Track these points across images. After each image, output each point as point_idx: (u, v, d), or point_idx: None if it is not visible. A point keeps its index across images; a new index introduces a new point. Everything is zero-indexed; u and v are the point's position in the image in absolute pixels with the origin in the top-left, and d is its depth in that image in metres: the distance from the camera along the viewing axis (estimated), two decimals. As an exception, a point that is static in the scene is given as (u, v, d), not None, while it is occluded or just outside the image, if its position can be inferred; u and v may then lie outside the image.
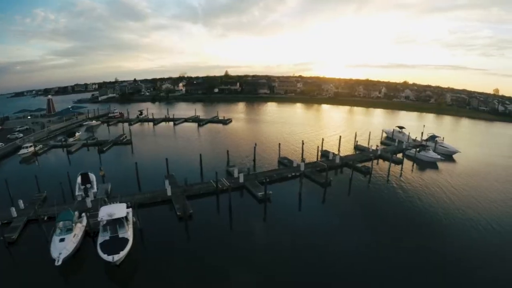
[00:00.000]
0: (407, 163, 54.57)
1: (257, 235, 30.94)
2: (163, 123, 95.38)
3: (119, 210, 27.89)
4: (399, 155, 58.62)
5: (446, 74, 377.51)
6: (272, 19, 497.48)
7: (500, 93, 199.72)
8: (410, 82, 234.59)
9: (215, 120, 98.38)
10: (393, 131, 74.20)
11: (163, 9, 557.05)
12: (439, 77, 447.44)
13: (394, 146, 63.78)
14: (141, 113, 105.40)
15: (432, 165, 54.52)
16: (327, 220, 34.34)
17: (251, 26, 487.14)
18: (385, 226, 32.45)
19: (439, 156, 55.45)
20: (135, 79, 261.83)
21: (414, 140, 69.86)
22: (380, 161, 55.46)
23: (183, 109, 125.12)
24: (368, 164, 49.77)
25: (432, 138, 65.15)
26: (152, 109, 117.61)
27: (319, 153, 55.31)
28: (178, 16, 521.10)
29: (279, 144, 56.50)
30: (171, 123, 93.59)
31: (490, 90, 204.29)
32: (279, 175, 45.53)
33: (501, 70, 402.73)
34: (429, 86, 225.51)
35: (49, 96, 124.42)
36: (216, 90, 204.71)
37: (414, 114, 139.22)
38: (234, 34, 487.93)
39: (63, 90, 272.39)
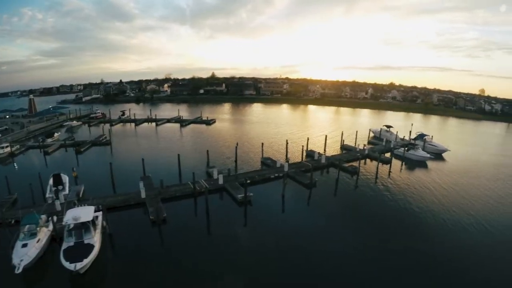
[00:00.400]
0: (396, 163, 52.31)
1: (237, 238, 28.00)
2: (145, 124, 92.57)
3: (85, 213, 25.38)
4: (387, 155, 56.50)
5: (433, 75, 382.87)
6: (260, 21, 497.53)
7: (486, 94, 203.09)
8: (397, 83, 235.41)
9: (198, 121, 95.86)
10: (380, 130, 71.92)
11: (151, 10, 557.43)
12: (425, 78, 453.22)
13: (382, 145, 61.45)
14: (123, 114, 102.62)
15: (422, 164, 52.34)
16: (312, 221, 31.61)
17: (239, 28, 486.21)
18: (373, 228, 30.09)
19: (428, 155, 53.22)
20: (120, 80, 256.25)
21: (402, 139, 67.81)
22: (368, 160, 53.01)
23: (167, 110, 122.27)
24: (355, 164, 47.19)
25: (421, 136, 63.01)
26: (135, 110, 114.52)
27: (304, 153, 52.97)
28: (166, 17, 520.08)
29: (262, 143, 53.41)
30: (153, 124, 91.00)
31: (476, 91, 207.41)
32: (262, 176, 42.60)
33: (486, 71, 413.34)
34: (415, 87, 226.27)
35: (31, 96, 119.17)
36: (201, 91, 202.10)
37: (401, 114, 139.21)
38: (222, 36, 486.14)
39: (48, 91, 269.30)
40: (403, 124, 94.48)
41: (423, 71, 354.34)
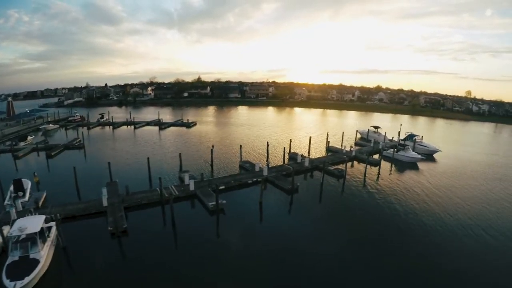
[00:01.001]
0: (385, 165, 48.52)
1: (206, 251, 23.80)
2: (123, 127, 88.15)
3: (33, 224, 22.09)
4: (376, 156, 52.65)
5: (419, 78, 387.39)
6: (247, 26, 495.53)
7: (472, 95, 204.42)
8: (384, 87, 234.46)
9: (178, 124, 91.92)
10: (368, 131, 68.21)
11: (138, 14, 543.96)
12: (411, 81, 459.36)
13: (370, 146, 57.68)
14: (102, 117, 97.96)
15: (412, 165, 48.71)
16: (292, 230, 27.56)
17: (226, 32, 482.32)
18: (360, 236, 26.46)
19: (419, 156, 49.56)
20: (106, 84, 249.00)
21: (391, 140, 64.38)
22: (355, 163, 49.09)
23: (149, 113, 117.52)
24: (342, 166, 43.23)
25: (411, 137, 59.44)
26: (117, 113, 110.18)
27: (287, 156, 49.10)
28: (153, 21, 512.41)
29: (240, 146, 49.12)
30: (132, 127, 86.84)
31: (462, 93, 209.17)
32: (238, 181, 37.94)
33: (472, 74, 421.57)
34: (402, 90, 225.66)
35: (9, 99, 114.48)
36: (185, 94, 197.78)
37: (388, 116, 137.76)
38: (209, 40, 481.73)
39: (32, 95, 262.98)
40: (391, 125, 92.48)
41: (410, 74, 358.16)
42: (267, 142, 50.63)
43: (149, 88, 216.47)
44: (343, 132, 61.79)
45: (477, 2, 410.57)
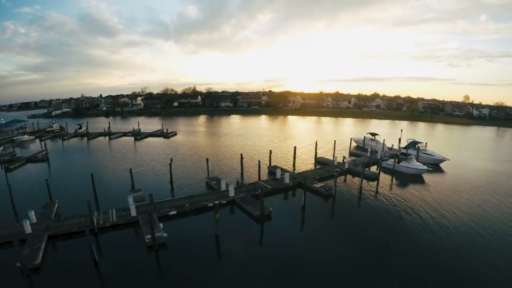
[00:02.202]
0: (384, 178, 40.21)
1: None
2: (100, 138, 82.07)
3: None
4: (374, 168, 44.47)
5: (415, 85, 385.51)
6: (244, 36, 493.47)
7: (470, 100, 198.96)
8: (381, 94, 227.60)
9: (156, 134, 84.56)
10: (364, 139, 59.93)
11: (135, 25, 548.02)
12: (408, 89, 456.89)
13: (366, 157, 49.18)
14: (80, 127, 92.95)
15: (417, 178, 40.47)
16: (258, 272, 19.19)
17: (223, 43, 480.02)
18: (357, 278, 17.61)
19: (425, 167, 41.22)
20: (100, 95, 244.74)
21: (391, 149, 56.18)
22: (349, 177, 40.67)
23: (133, 123, 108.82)
24: (331, 182, 34.67)
25: (413, 144, 51.15)
26: (100, 124, 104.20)
27: (266, 170, 41.21)
28: (150, 33, 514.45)
29: (207, 159, 40.80)
30: (107, 138, 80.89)
31: (459, 99, 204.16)
32: (195, 204, 29.60)
33: (468, 79, 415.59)
34: (399, 97, 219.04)
35: None
36: (175, 103, 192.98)
37: (386, 122, 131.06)
38: (206, 51, 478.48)
39: (26, 105, 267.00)
40: (390, 132, 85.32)
41: (406, 82, 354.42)
42: (241, 155, 41.97)
43: (139, 98, 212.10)
44: (335, 141, 53.48)
45: (472, 7, 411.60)
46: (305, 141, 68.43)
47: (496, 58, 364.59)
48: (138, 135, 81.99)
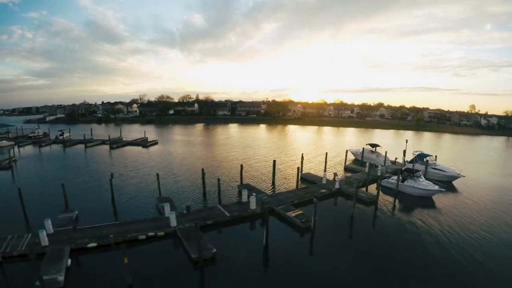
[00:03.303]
0: (385, 201, 31.78)
1: None
2: (77, 145, 76.61)
3: None
4: (372, 187, 35.86)
5: (420, 96, 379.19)
6: (249, 45, 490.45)
7: (476, 110, 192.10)
8: (385, 104, 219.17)
9: (135, 143, 77.72)
10: (362, 151, 51.21)
11: (140, 33, 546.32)
12: (413, 99, 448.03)
13: (363, 173, 40.51)
14: (62, 134, 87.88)
15: (426, 201, 31.94)
16: None
17: (228, 52, 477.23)
18: None
19: (436, 187, 32.61)
20: (103, 102, 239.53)
21: (395, 162, 47.65)
22: (340, 199, 32.19)
23: (124, 131, 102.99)
24: (320, 203, 25.84)
25: (421, 157, 42.63)
26: (88, 131, 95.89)
27: (235, 191, 33.19)
28: (156, 41, 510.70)
29: (157, 175, 32.54)
30: (83, 146, 74.92)
31: (463, 109, 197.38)
32: (121, 236, 21.45)
33: (473, 89, 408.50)
34: (403, 107, 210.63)
35: None
36: (171, 111, 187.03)
37: (390, 132, 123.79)
38: (211, 59, 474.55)
39: (27, 110, 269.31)
40: (394, 143, 76.86)
41: (410, 92, 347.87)
42: (202, 170, 33.33)
43: (134, 105, 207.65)
44: (326, 154, 45.11)
45: (477, 17, 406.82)
46: (295, 153, 59.99)
47: (502, 67, 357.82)
48: (115, 144, 75.20)
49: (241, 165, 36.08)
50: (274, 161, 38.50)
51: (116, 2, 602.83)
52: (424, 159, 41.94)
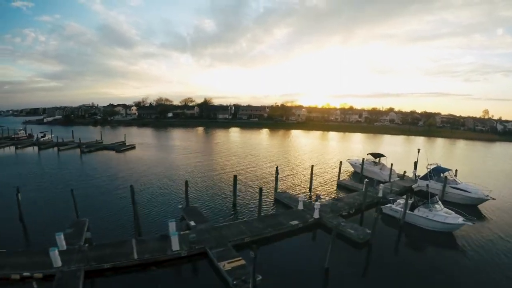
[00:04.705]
0: (386, 238, 22.23)
1: None
2: (50, 149, 70.43)
3: None
4: (369, 215, 26.16)
5: (431, 101, 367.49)
6: (259, 51, 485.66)
7: (489, 115, 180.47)
8: (396, 109, 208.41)
9: (109, 147, 70.39)
10: (362, 163, 41.03)
11: (152, 37, 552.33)
12: (424, 104, 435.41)
13: (359, 192, 30.44)
14: (44, 135, 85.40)
15: (445, 238, 21.95)
16: None
17: (239, 57, 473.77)
18: None
19: (461, 219, 22.77)
20: (110, 104, 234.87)
21: (403, 177, 37.91)
22: (319, 236, 22.67)
23: (112, 135, 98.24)
24: (285, 242, 17.73)
25: (437, 172, 32.77)
26: (81, 133, 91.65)
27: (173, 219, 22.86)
28: (167, 45, 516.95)
29: (72, 191, 23.44)
30: (56, 149, 69.66)
31: (475, 115, 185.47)
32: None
33: (485, 95, 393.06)
34: (415, 112, 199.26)
35: None
36: (170, 114, 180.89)
37: (400, 138, 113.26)
38: (222, 64, 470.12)
39: (34, 111, 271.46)
40: (403, 151, 66.76)
41: (421, 97, 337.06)
42: (132, 187, 24.89)
43: (133, 108, 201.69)
44: (312, 166, 35.32)
45: (488, 21, 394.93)
46: (284, 163, 50.37)
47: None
48: (88, 148, 69.13)
49: (186, 181, 26.74)
50: (235, 176, 28.80)
51: (128, 7, 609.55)
52: (442, 175, 32.00)
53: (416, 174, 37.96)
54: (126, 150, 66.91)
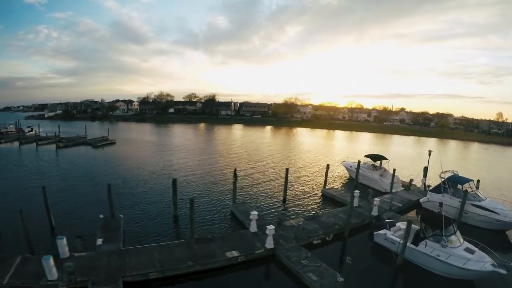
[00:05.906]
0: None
1: None
2: (31, 144, 67.10)
3: None
4: (355, 239, 18.44)
5: (443, 103, 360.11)
6: (273, 48, 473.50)
7: (503, 118, 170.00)
8: (407, 110, 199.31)
9: (87, 142, 67.39)
10: (357, 167, 33.29)
11: (164, 34, 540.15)
12: (436, 106, 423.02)
13: (346, 208, 22.34)
14: (31, 130, 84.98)
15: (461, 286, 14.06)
16: None
17: (252, 55, 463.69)
18: None
19: (488, 263, 15.03)
20: (117, 99, 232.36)
21: (409, 187, 30.34)
22: (273, 273, 15.13)
23: (103, 130, 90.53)
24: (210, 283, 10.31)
25: (454, 183, 25.06)
26: (72, 128, 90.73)
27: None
28: (179, 42, 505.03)
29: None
30: (35, 144, 66.18)
31: (489, 117, 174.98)
32: None
33: (499, 97, 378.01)
34: (426, 113, 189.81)
35: None
36: (171, 110, 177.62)
37: (410, 139, 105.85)
38: (234, 62, 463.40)
39: (42, 107, 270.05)
40: (413, 153, 58.63)
41: (433, 99, 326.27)
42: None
43: (135, 103, 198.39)
44: (287, 170, 27.88)
45: (504, 22, 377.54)
46: (265, 164, 43.02)
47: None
48: (61, 142, 65.15)
49: (109, 185, 19.71)
50: (175, 179, 21.51)
51: (140, 3, 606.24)
52: (460, 187, 24.29)
53: (426, 184, 30.29)
54: (105, 146, 63.37)
